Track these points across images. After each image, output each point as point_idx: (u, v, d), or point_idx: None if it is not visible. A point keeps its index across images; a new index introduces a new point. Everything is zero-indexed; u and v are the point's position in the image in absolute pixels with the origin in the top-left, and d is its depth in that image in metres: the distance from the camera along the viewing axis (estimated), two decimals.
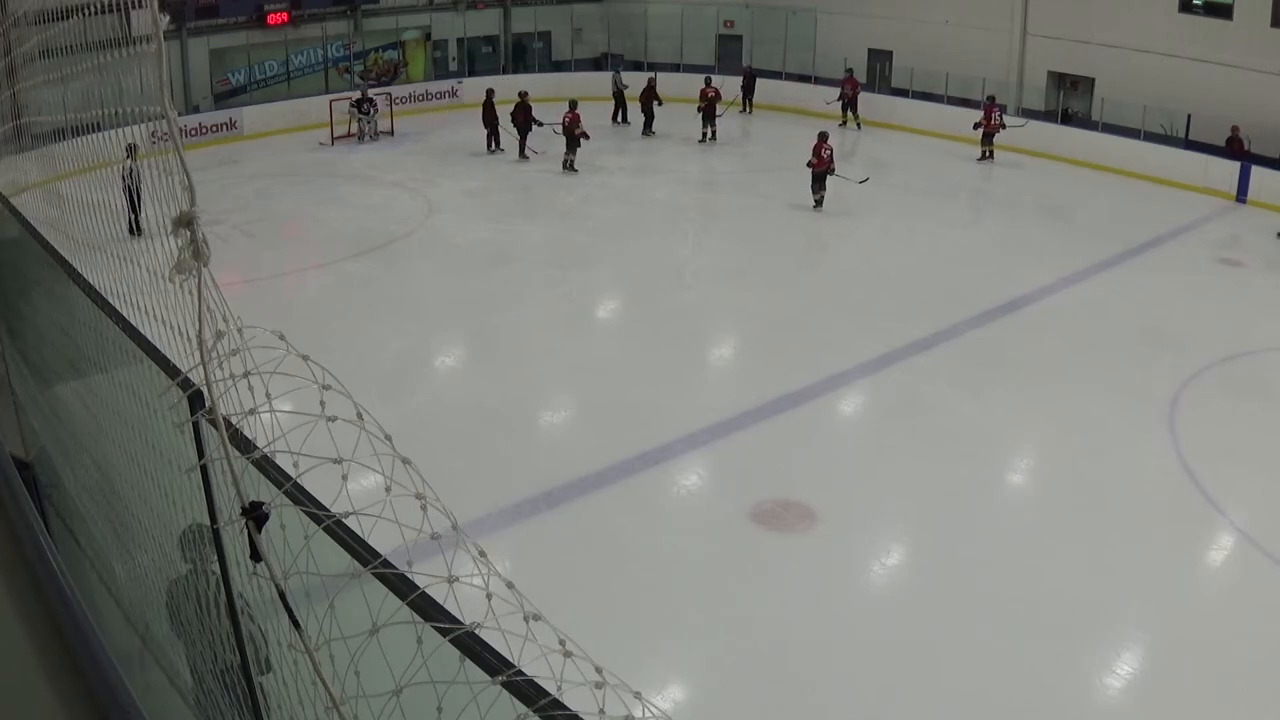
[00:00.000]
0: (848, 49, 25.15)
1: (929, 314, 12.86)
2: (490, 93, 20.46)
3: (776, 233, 16.37)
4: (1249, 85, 19.59)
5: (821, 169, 16.73)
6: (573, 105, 19.22)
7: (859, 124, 23.47)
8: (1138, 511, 8.84)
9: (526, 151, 19.97)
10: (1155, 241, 16.56)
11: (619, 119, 23.60)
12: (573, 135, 19.05)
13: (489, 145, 20.50)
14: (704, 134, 21.95)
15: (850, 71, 23.91)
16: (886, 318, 12.83)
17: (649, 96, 22.59)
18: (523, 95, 20.07)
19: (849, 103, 23.52)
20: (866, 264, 15.04)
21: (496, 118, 20.21)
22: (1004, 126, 20.62)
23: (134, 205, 7.75)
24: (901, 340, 12.10)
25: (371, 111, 21.94)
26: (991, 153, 20.76)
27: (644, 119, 22.63)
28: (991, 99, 21.26)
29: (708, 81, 22.43)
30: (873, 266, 14.86)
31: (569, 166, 19.28)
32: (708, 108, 21.92)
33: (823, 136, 16.90)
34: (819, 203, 16.84)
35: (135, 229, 3.67)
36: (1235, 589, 8.06)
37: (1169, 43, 20.82)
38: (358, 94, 22.23)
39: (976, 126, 20.69)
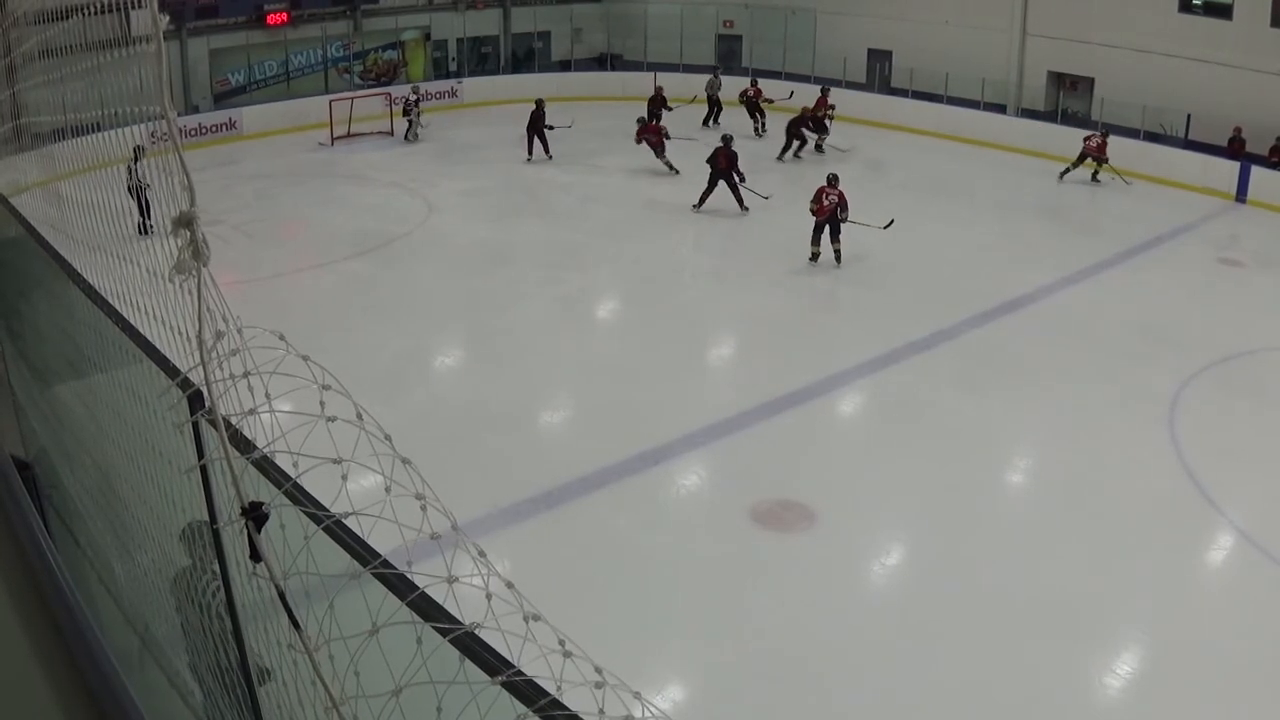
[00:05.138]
0: (847, 49, 25.16)
1: (929, 314, 12.86)
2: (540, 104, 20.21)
3: (776, 232, 16.37)
4: (1249, 85, 19.60)
5: (823, 218, 14.41)
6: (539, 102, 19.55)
7: (820, 145, 21.35)
8: (1137, 510, 8.84)
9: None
10: (1155, 241, 16.57)
11: (710, 123, 23.05)
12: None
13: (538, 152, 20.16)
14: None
15: (827, 89, 22.58)
16: (886, 318, 12.83)
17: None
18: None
19: (815, 122, 21.54)
20: (866, 264, 15.02)
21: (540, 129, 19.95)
22: None
23: (142, 207, 7.74)
24: (901, 340, 12.10)
25: (418, 112, 22.05)
26: (1096, 174, 19.38)
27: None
28: (1106, 133, 19.71)
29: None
30: (873, 266, 14.85)
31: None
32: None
33: (831, 180, 14.60)
34: (815, 256, 14.64)
35: (143, 229, 3.67)
36: (1235, 588, 8.06)
37: (1169, 43, 20.82)
38: (413, 95, 22.28)
39: (1086, 157, 19.33)
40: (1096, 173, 19.48)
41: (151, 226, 2.41)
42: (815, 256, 14.60)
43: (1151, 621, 7.56)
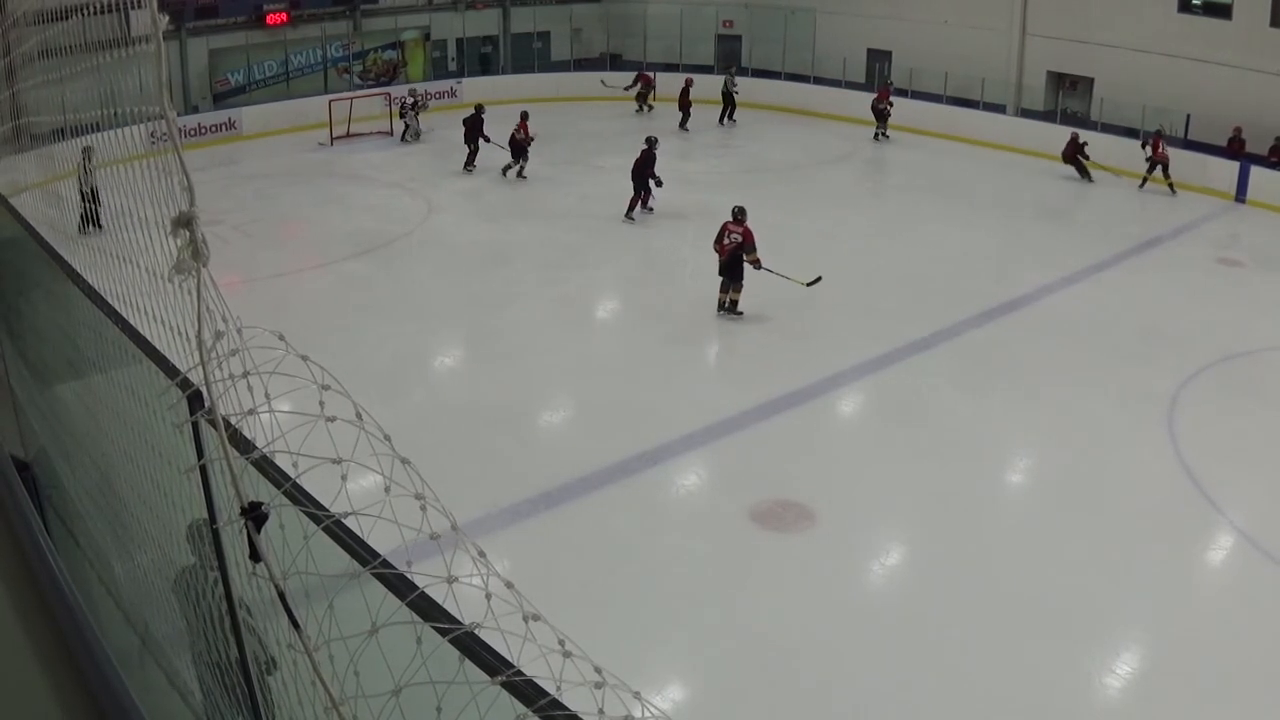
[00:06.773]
0: (847, 49, 25.18)
1: (929, 314, 12.86)
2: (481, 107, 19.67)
3: (775, 232, 16.34)
4: (1248, 85, 19.61)
5: (725, 259, 12.48)
6: (524, 116, 18.80)
7: (885, 134, 22.55)
8: (1136, 511, 8.84)
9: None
10: (1155, 241, 16.58)
11: (724, 120, 23.69)
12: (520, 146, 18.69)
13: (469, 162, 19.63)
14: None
15: (890, 84, 23.60)
16: (886, 318, 12.83)
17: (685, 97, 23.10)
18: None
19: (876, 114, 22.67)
20: (866, 263, 15.03)
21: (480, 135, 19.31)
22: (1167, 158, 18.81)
23: (90, 207, 7.73)
24: (901, 340, 12.10)
25: (414, 114, 22.02)
26: (1172, 186, 18.83)
27: (681, 116, 23.05)
28: (1159, 131, 19.46)
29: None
30: (872, 266, 14.86)
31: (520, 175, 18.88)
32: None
33: (735, 215, 12.60)
34: (722, 305, 12.63)
35: (84, 226, 3.69)
36: (1234, 588, 8.06)
37: (1168, 42, 20.84)
38: (410, 98, 22.23)
39: (1153, 164, 18.91)
40: (1173, 185, 18.84)
41: (102, 225, 2.43)
42: (721, 305, 12.65)
43: (1151, 621, 7.57)
